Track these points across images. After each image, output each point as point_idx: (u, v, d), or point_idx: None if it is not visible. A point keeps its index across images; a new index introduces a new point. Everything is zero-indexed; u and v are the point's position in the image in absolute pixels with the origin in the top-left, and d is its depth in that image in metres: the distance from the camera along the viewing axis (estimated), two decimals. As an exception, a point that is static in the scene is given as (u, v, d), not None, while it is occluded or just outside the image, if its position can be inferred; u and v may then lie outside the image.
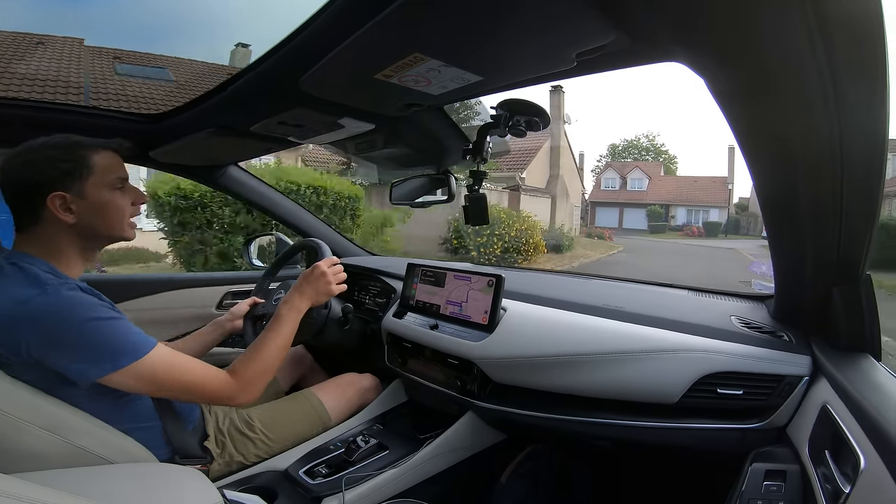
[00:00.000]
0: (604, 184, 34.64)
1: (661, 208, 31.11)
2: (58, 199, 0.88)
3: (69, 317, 0.82)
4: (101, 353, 0.83)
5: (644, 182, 33.13)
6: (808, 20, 0.46)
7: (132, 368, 0.85)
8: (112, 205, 0.94)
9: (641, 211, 31.49)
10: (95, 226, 0.93)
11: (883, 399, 0.70)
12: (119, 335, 0.86)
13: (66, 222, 0.89)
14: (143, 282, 1.77)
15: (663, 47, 0.62)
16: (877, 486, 0.59)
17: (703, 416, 1.03)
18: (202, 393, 0.95)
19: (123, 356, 0.85)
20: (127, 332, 0.87)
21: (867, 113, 0.57)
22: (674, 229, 29.35)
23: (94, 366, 0.83)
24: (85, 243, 0.94)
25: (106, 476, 0.84)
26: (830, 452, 0.74)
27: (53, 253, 0.90)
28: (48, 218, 0.88)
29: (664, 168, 37.22)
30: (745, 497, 0.84)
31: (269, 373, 1.03)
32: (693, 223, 29.49)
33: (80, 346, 0.82)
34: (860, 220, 0.74)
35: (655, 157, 43.30)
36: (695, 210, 30.60)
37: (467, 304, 1.33)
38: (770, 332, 1.08)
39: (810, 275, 0.91)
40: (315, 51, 0.70)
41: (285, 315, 1.09)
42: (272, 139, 1.22)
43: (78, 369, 0.83)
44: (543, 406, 1.17)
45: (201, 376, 0.94)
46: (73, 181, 0.89)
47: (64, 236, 0.91)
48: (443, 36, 0.62)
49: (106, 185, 0.93)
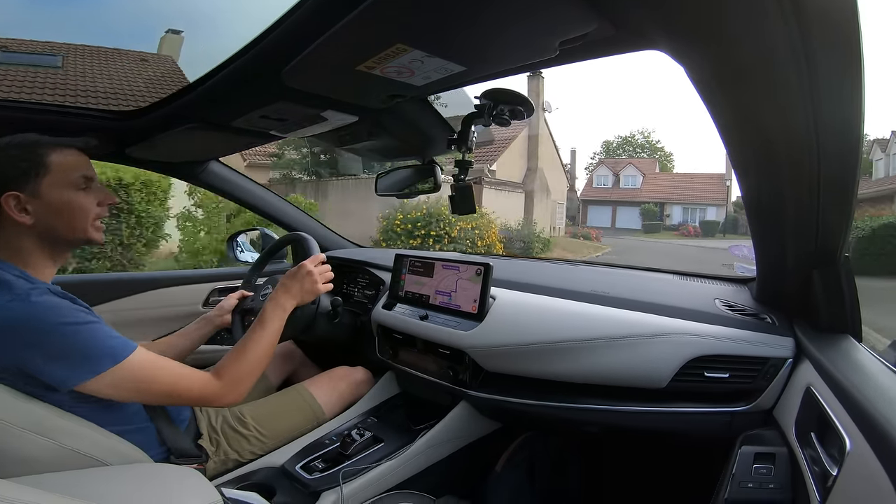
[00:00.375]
0: (596, 181, 33.36)
1: (656, 207, 29.77)
2: (12, 199, 0.85)
3: (41, 323, 0.80)
4: (77, 358, 0.81)
5: (638, 179, 31.92)
6: (784, 5, 0.46)
7: (111, 374, 0.83)
8: (73, 205, 0.90)
9: (635, 210, 30.16)
10: (55, 227, 0.90)
11: (865, 380, 0.72)
12: (95, 340, 0.84)
13: (24, 224, 0.86)
14: (127, 281, 1.75)
15: (645, 35, 0.62)
16: (863, 468, 0.59)
17: (691, 399, 1.05)
18: (187, 396, 0.93)
19: (101, 361, 0.83)
20: (104, 336, 0.85)
21: (842, 103, 0.58)
22: (669, 229, 28.19)
23: (71, 372, 0.81)
24: (48, 246, 0.91)
25: (101, 478, 0.83)
26: (816, 434, 0.75)
27: (19, 256, 0.88)
28: (7, 220, 0.86)
29: (659, 165, 36.14)
30: (736, 480, 0.86)
31: (255, 372, 1.02)
32: (689, 222, 28.46)
33: (55, 352, 0.80)
34: (838, 207, 0.75)
35: (651, 154, 41.99)
36: (691, 208, 29.50)
37: (456, 294, 1.34)
38: (753, 314, 1.10)
39: (791, 259, 0.92)
40: (296, 43, 0.68)
41: (271, 314, 1.08)
42: (254, 133, 1.20)
43: (55, 375, 0.81)
44: (535, 393, 1.18)
45: (184, 379, 0.93)
46: (28, 181, 0.86)
47: (24, 238, 0.88)
48: (425, 26, 0.61)
49: (66, 184, 0.90)
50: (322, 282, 1.18)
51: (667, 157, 43.00)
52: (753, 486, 0.84)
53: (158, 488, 0.81)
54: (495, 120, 0.99)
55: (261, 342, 1.03)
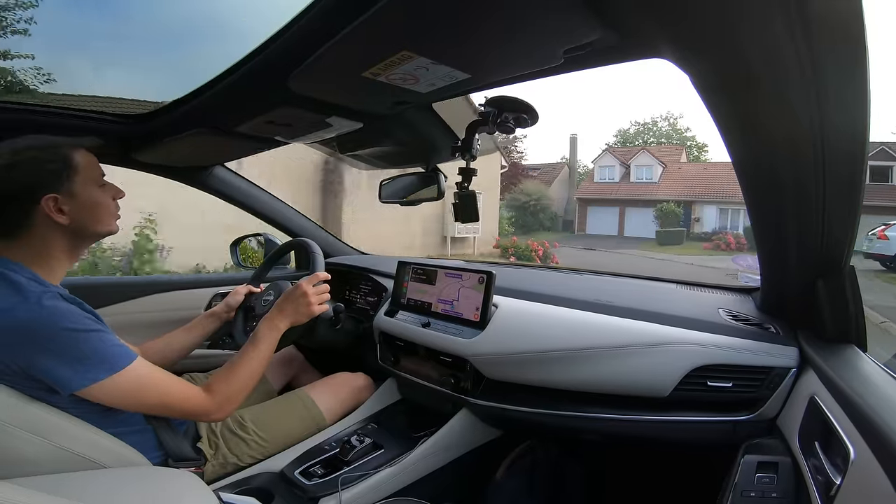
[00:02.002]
0: (599, 175, 24.58)
1: (679, 207, 20.44)
2: (51, 200, 0.87)
3: (50, 327, 0.81)
4: (81, 364, 0.82)
5: (655, 171, 22.89)
6: (790, 14, 0.46)
7: (110, 382, 0.85)
8: (98, 201, 0.95)
9: (651, 211, 21.20)
10: (87, 224, 0.93)
11: (869, 389, 0.71)
12: (98, 347, 0.85)
13: (61, 223, 0.89)
14: (130, 284, 1.76)
15: (649, 43, 0.62)
16: (868, 477, 0.59)
17: (694, 408, 1.04)
18: (179, 410, 0.96)
19: (102, 369, 0.84)
20: (109, 344, 0.87)
21: (849, 109, 0.58)
22: (699, 238, 19.41)
23: (74, 375, 0.82)
24: (75, 242, 0.94)
25: (100, 480, 0.83)
26: (820, 444, 0.75)
27: (42, 257, 0.89)
28: (40, 221, 0.88)
29: (687, 155, 26.88)
30: (738, 489, 0.85)
31: (245, 390, 1.05)
32: (728, 229, 19.20)
33: (61, 355, 0.81)
34: (843, 216, 0.75)
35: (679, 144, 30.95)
36: (731, 210, 19.77)
37: (459, 302, 1.33)
38: (757, 324, 1.09)
39: (795, 267, 0.92)
40: (303, 49, 0.69)
41: (264, 334, 1.11)
42: (259, 139, 1.21)
43: (60, 377, 0.82)
44: (537, 402, 1.18)
45: (178, 394, 0.95)
46: (62, 181, 0.89)
47: (58, 238, 0.90)
48: (431, 34, 0.62)
49: (92, 182, 0.94)
50: (318, 303, 1.19)
51: (700, 147, 33.83)
52: (756, 495, 0.84)
53: (155, 491, 0.81)
54: (499, 127, 1.00)
55: (252, 362, 1.06)
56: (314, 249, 1.37)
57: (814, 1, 0.45)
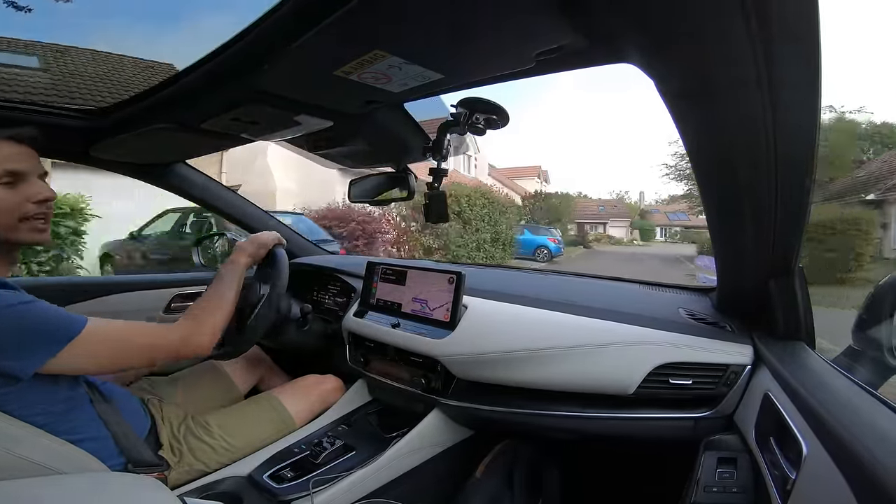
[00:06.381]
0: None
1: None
2: None
3: None
4: (31, 339, 0.78)
5: None
6: (751, 26, 0.48)
7: (80, 343, 0.81)
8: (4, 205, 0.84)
9: None
10: None
11: (818, 385, 0.74)
12: (44, 316, 0.81)
13: None
14: (90, 284, 1.70)
15: (617, 48, 0.64)
16: (820, 471, 0.61)
17: (658, 406, 1.07)
18: (159, 348, 0.95)
19: (57, 335, 0.80)
20: (52, 310, 0.82)
21: (800, 115, 0.61)
22: None
23: (30, 355, 0.78)
24: None
25: (53, 486, 0.78)
26: (775, 439, 0.77)
27: None
28: None
29: None
30: (701, 484, 0.88)
31: (211, 325, 1.06)
32: None
33: (5, 338, 0.76)
34: (793, 220, 0.78)
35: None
36: None
37: (429, 302, 1.34)
38: (714, 322, 1.13)
39: (749, 269, 0.96)
40: (272, 46, 0.68)
41: (226, 269, 1.19)
42: (225, 136, 1.18)
43: (12, 364, 0.77)
44: (507, 401, 1.19)
45: (158, 328, 0.94)
46: None
47: None
48: (403, 33, 0.62)
49: None
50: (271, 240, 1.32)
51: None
52: (718, 490, 0.86)
53: (115, 496, 0.77)
54: (470, 129, 1.01)
55: (214, 295, 1.12)
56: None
57: (772, 5, 0.47)
